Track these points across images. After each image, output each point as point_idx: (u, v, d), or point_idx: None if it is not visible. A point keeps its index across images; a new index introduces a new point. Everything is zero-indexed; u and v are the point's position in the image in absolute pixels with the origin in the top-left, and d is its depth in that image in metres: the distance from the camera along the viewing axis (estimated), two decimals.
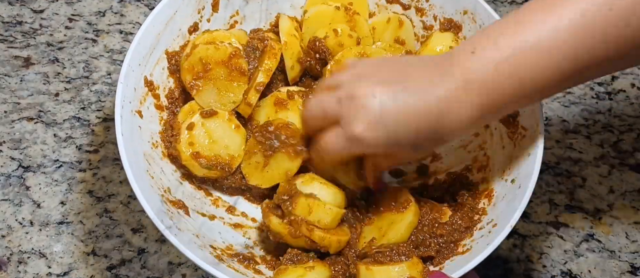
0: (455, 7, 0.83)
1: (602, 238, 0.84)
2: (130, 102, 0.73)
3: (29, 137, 0.88)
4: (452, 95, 0.63)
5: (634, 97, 0.96)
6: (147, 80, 0.76)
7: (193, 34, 0.81)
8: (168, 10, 0.78)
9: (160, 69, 0.78)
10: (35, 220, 0.82)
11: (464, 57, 0.63)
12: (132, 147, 0.70)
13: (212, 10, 0.82)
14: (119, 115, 0.70)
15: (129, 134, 0.70)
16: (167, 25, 0.78)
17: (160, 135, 0.77)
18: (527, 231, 0.85)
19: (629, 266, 0.82)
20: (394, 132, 0.64)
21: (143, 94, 0.76)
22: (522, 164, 0.71)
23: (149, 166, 0.72)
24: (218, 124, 0.77)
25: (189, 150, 0.75)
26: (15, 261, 0.79)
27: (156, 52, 0.77)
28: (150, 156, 0.74)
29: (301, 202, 0.70)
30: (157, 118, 0.77)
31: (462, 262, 0.66)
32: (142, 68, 0.75)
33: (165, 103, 0.79)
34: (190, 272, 0.80)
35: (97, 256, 0.80)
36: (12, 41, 0.97)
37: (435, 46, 0.82)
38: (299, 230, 0.69)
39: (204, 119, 0.76)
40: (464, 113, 0.64)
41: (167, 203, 0.71)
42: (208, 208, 0.77)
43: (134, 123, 0.73)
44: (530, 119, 0.73)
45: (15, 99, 0.91)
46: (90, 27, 0.99)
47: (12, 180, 0.85)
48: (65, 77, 0.94)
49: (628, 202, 0.87)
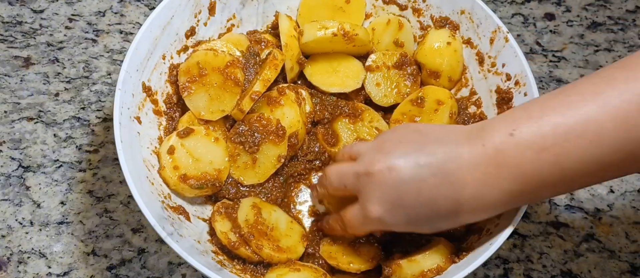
0: (452, 7, 0.83)
1: (602, 238, 0.84)
2: (128, 109, 0.72)
3: (29, 137, 0.88)
4: (480, 177, 0.59)
5: None
6: (145, 85, 0.76)
7: (190, 38, 0.81)
8: (165, 15, 0.77)
9: (158, 74, 0.78)
10: (35, 220, 0.82)
11: (500, 137, 0.58)
12: (132, 154, 0.70)
13: (209, 14, 0.82)
14: (118, 122, 0.69)
15: (128, 141, 0.70)
16: (165, 30, 0.78)
17: (159, 141, 0.77)
18: (527, 231, 0.85)
19: (629, 266, 0.82)
20: (414, 215, 0.61)
21: (141, 99, 0.75)
22: None
23: (149, 173, 0.72)
24: (197, 142, 0.75)
25: (175, 174, 0.73)
26: (15, 261, 0.79)
27: (154, 57, 0.77)
28: (150, 163, 0.73)
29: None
30: (155, 123, 0.77)
31: (464, 264, 0.66)
32: (139, 74, 0.75)
33: (164, 108, 0.79)
34: (190, 272, 0.80)
35: (97, 256, 0.80)
36: (12, 41, 0.97)
37: (432, 43, 0.82)
38: (245, 245, 0.70)
39: (182, 139, 0.75)
40: (490, 195, 0.59)
41: (168, 209, 0.70)
42: (209, 213, 0.77)
43: (133, 129, 0.72)
44: None
45: (15, 99, 0.91)
46: (90, 27, 0.99)
47: (12, 180, 0.85)
48: (65, 77, 0.94)
49: (628, 202, 0.87)
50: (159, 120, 0.78)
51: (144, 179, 0.70)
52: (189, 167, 0.74)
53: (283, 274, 0.68)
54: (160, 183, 0.73)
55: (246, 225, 0.71)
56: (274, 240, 0.72)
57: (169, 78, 0.79)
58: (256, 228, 0.72)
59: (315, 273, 0.69)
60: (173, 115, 0.79)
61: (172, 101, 0.79)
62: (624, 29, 1.03)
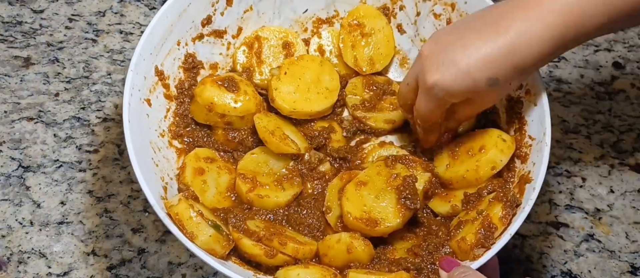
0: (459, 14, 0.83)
1: (602, 238, 0.84)
2: (139, 90, 0.73)
3: (29, 137, 0.88)
4: (522, 15, 0.63)
5: (634, 97, 0.96)
6: (158, 69, 0.77)
7: (206, 27, 0.82)
8: (182, 1, 0.78)
9: (172, 59, 0.79)
10: (35, 220, 0.82)
11: None
12: (139, 134, 0.71)
13: (226, 4, 0.83)
14: (128, 102, 0.71)
15: (136, 122, 0.71)
16: (181, 16, 0.79)
17: (167, 124, 0.78)
18: (527, 231, 0.85)
19: (629, 266, 0.82)
20: (464, 66, 0.65)
21: (153, 83, 0.76)
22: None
23: (154, 155, 0.73)
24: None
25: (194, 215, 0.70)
26: (15, 261, 0.79)
27: (168, 42, 0.78)
28: (156, 145, 0.74)
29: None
30: (165, 107, 0.78)
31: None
32: (153, 57, 0.76)
33: (175, 93, 0.80)
34: (190, 272, 0.80)
35: (97, 256, 0.80)
36: (12, 41, 0.97)
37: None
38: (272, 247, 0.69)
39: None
40: (536, 30, 0.63)
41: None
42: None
43: (142, 110, 0.74)
44: (538, 129, 0.73)
45: (15, 99, 0.91)
46: (90, 27, 0.99)
47: (12, 180, 0.85)
48: (65, 77, 0.94)
49: (628, 202, 0.87)
50: (168, 104, 0.79)
51: (148, 160, 0.71)
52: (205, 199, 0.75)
53: (291, 269, 0.68)
54: (164, 166, 0.74)
55: (259, 229, 0.71)
56: (291, 237, 0.71)
57: (183, 64, 0.81)
58: (270, 231, 0.71)
59: (326, 272, 0.69)
60: (184, 100, 0.80)
61: (184, 87, 0.80)
62: (624, 29, 1.03)
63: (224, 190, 0.76)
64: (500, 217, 0.67)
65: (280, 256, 0.69)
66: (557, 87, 0.96)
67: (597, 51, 1.01)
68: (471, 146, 0.74)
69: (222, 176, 0.77)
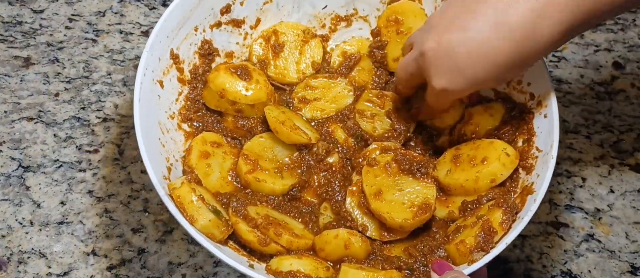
0: None
1: (602, 238, 0.84)
2: (152, 71, 0.74)
3: (29, 137, 0.88)
4: (528, 14, 0.62)
5: (634, 97, 0.96)
6: (173, 53, 0.78)
7: (225, 15, 0.83)
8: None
9: (188, 44, 0.80)
10: (35, 220, 0.82)
11: None
12: (148, 114, 0.72)
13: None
14: (140, 82, 0.72)
15: (146, 101, 0.72)
16: (201, 3, 0.79)
17: (178, 107, 0.78)
18: (527, 231, 0.85)
19: (629, 266, 0.82)
20: (472, 76, 0.65)
21: (167, 66, 0.77)
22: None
23: (162, 136, 0.74)
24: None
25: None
26: (15, 261, 0.79)
27: (186, 27, 0.79)
28: (165, 126, 0.75)
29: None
30: (177, 91, 0.79)
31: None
32: (169, 40, 0.77)
33: (188, 78, 0.80)
34: (190, 272, 0.80)
35: (97, 256, 0.80)
36: (12, 41, 0.97)
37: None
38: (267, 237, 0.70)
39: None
40: (548, 31, 0.62)
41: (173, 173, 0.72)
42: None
43: (154, 91, 0.75)
44: (546, 141, 0.72)
45: (15, 99, 0.91)
46: (90, 27, 0.99)
47: (12, 180, 0.85)
48: (65, 77, 0.94)
49: (628, 202, 0.87)
50: (181, 88, 0.79)
51: (155, 140, 0.72)
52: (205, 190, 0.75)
53: (285, 259, 0.69)
54: (171, 147, 0.75)
55: (259, 216, 0.71)
56: (288, 229, 0.72)
57: (199, 50, 0.81)
58: (268, 220, 0.71)
59: (319, 264, 0.69)
60: (196, 85, 0.81)
61: (198, 72, 0.81)
62: (624, 29, 1.03)
63: (227, 175, 0.77)
64: (500, 222, 0.67)
65: (273, 245, 0.70)
66: (557, 87, 0.96)
67: (597, 51, 1.01)
68: (475, 154, 0.74)
69: (227, 161, 0.77)
